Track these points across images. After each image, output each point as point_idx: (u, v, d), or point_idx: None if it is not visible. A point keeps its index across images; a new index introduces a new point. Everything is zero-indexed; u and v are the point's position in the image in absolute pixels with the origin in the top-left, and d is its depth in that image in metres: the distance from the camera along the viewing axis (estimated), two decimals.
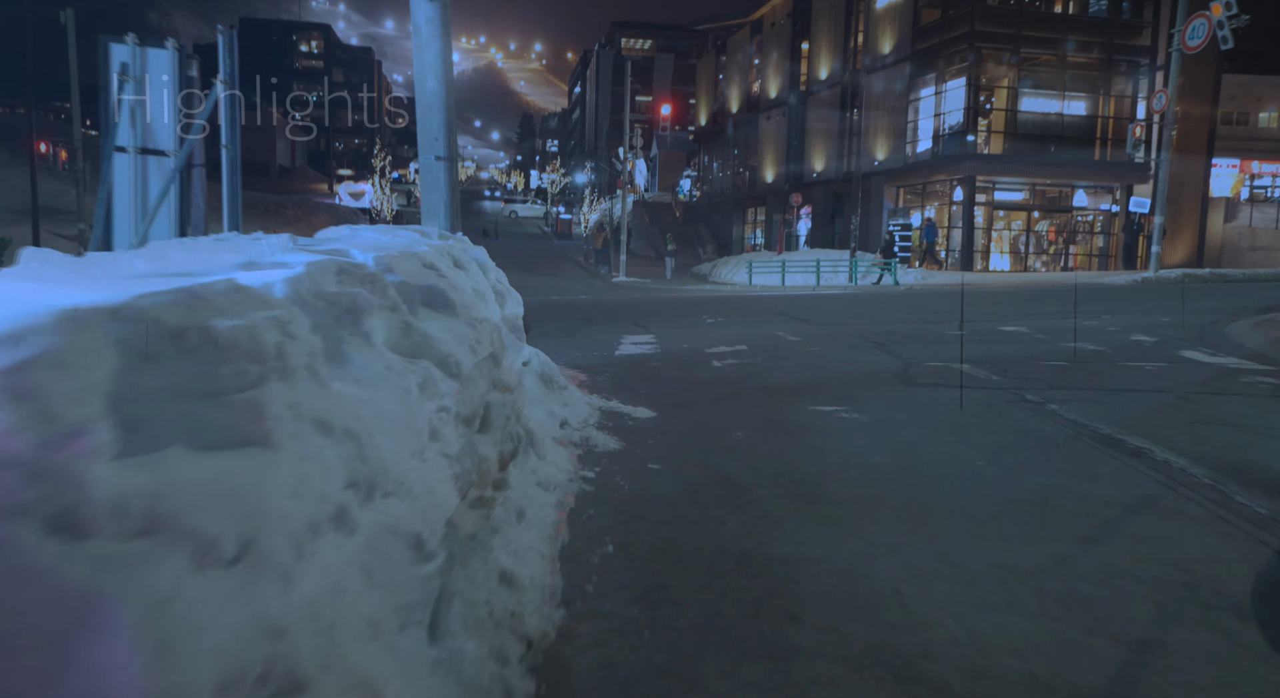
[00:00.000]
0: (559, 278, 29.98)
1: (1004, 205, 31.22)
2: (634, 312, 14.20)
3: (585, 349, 8.80)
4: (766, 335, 9.76)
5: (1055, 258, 31.90)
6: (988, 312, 12.48)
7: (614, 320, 12.07)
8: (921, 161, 31.60)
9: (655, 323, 11.46)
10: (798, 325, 10.89)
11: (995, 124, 30.32)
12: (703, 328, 10.83)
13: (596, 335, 10.12)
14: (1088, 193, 31.63)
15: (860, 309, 14.13)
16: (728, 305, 16.07)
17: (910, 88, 32.23)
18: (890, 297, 18.45)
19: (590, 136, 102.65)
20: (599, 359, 7.88)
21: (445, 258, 4.02)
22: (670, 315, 13.27)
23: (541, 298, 20.38)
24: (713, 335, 9.85)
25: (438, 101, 5.81)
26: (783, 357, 7.96)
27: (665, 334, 10.04)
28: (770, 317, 12.43)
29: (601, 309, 14.88)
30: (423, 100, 5.79)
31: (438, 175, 5.89)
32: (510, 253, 41.52)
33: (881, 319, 11.84)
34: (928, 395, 5.94)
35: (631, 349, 8.68)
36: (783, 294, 21.29)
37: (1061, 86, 29.70)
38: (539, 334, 10.10)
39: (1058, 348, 8.13)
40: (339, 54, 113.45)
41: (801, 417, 5.21)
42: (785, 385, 6.33)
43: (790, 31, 40.84)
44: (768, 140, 43.52)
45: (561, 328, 11.06)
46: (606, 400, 5.57)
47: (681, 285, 26.69)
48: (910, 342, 8.91)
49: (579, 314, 13.71)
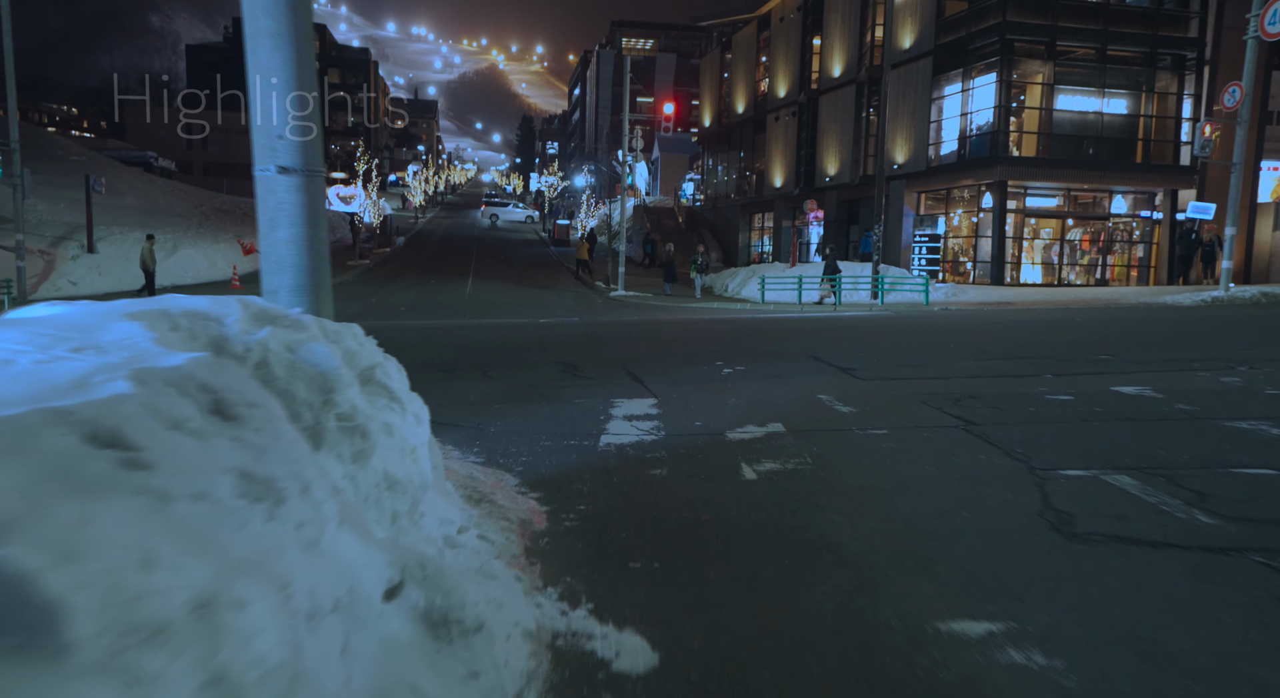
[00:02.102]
0: (552, 292, 27.51)
1: (1036, 213, 28.76)
2: (631, 349, 11.71)
3: (559, 429, 6.33)
4: (805, 403, 7.27)
5: (1089, 269, 29.45)
6: (1066, 353, 9.99)
7: (604, 367, 9.58)
8: (946, 165, 29.16)
9: (657, 374, 8.97)
10: (840, 381, 8.39)
11: (1028, 123, 27.89)
12: (718, 385, 8.34)
13: (579, 398, 7.63)
14: (1125, 198, 29.17)
15: (906, 345, 11.63)
16: (743, 337, 13.57)
17: (933, 85, 29.80)
18: (928, 324, 15.95)
19: (590, 139, 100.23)
20: (573, 462, 5.40)
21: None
22: (676, 357, 10.77)
23: (528, 320, 17.94)
24: (734, 402, 7.35)
25: (283, 69, 3.34)
26: (842, 457, 5.47)
27: (670, 400, 7.55)
28: (799, 361, 9.93)
29: (591, 347, 12.39)
30: (256, 64, 3.32)
31: (284, 199, 3.42)
32: (502, 264, 39.19)
33: (941, 363, 9.34)
34: (1123, 576, 3.44)
35: (623, 433, 6.19)
36: (802, 317, 18.79)
37: (1101, 83, 27.25)
38: (503, 399, 7.66)
39: (1235, 434, 5.63)
40: (334, 55, 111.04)
41: (933, 658, 2.73)
42: (869, 542, 3.85)
43: (801, 26, 38.39)
44: (776, 142, 41.06)
45: (537, 382, 8.57)
46: (569, 609, 3.09)
47: (685, 302, 24.20)
48: (1008, 415, 6.44)
49: (563, 353, 11.23)
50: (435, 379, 8.69)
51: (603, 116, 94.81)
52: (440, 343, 12.48)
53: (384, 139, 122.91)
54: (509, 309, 21.50)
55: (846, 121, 34.85)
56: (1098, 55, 26.91)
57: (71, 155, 36.56)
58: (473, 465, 5.25)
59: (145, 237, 23.19)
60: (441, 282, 30.08)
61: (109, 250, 24.93)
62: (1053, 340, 11.46)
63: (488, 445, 5.83)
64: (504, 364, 10.14)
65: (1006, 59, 26.45)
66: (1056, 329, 13.25)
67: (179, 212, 34.52)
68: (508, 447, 5.79)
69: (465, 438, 6.04)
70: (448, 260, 38.98)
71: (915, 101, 30.08)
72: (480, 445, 5.82)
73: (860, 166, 33.96)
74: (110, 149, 61.57)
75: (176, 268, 26.16)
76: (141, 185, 36.96)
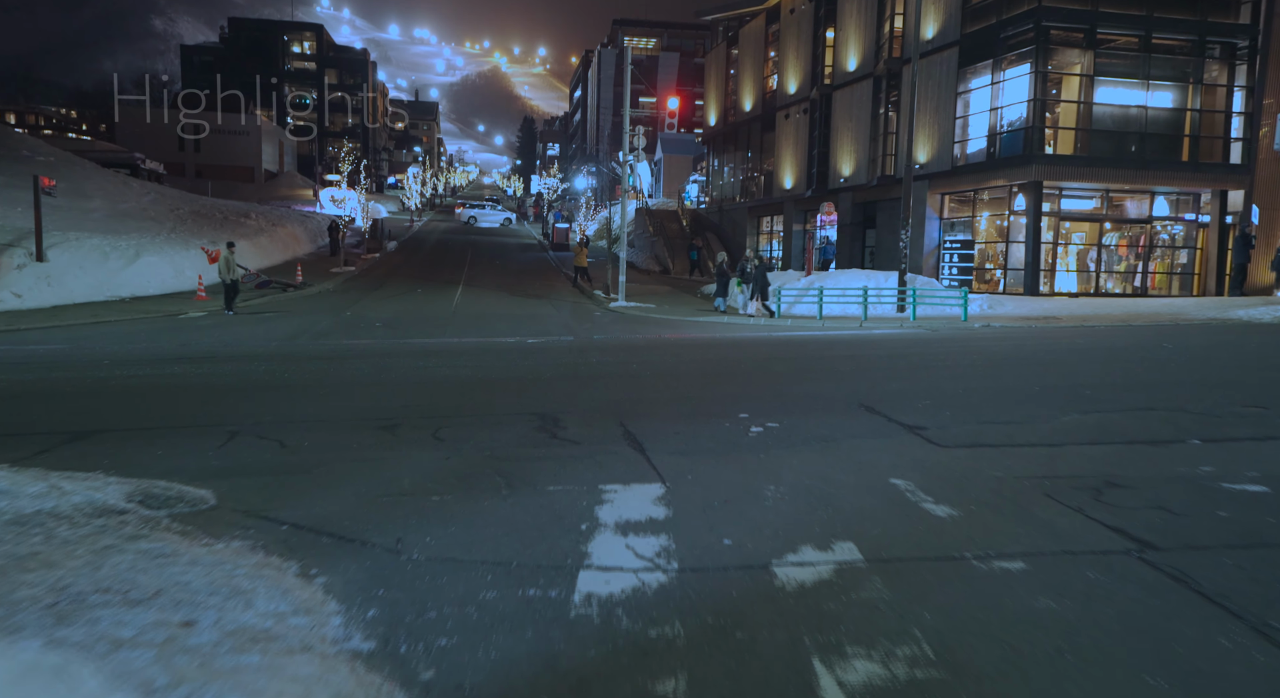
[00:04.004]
0: (547, 303, 25.31)
1: (1071, 215, 26.55)
2: (629, 389, 9.50)
3: (517, 555, 4.14)
4: (878, 494, 5.08)
5: (1126, 276, 27.24)
6: (1190, 397, 7.77)
7: (594, 421, 7.37)
8: (974, 164, 26.94)
9: (663, 434, 6.78)
10: (913, 449, 6.20)
11: (1064, 118, 25.67)
12: (747, 456, 6.14)
13: (554, 483, 5.43)
14: (1168, 200, 26.95)
15: (974, 382, 9.40)
16: (767, 370, 11.36)
17: (959, 78, 27.59)
18: (982, 349, 13.73)
19: (591, 140, 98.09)
20: (525, 655, 3.18)
21: None
22: (686, 403, 8.56)
23: (515, 340, 15.75)
24: (774, 492, 5.15)
25: None
26: (979, 640, 3.27)
27: (683, 486, 5.34)
28: (848, 413, 7.72)
29: (581, 385, 10.18)
30: None
31: None
32: (496, 271, 36.83)
33: (1034, 415, 7.12)
34: None
35: (614, 568, 4.00)
36: (827, 337, 16.58)
37: (1144, 74, 25.00)
38: (449, 484, 5.39)
39: None
40: (332, 55, 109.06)
41: None
42: None
43: (813, 17, 36.19)
44: (786, 141, 38.87)
45: (502, 448, 6.37)
46: None
47: (693, 316, 21.98)
48: (1194, 526, 4.29)
49: (546, 396, 9.01)
50: (367, 444, 6.51)
51: (604, 118, 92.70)
52: (398, 380, 10.28)
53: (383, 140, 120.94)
54: (497, 324, 19.31)
55: (862, 119, 32.64)
56: (1141, 44, 24.69)
57: (39, 156, 34.42)
58: (353, 662, 3.06)
59: (226, 244, 21.52)
60: (429, 291, 27.90)
61: (61, 258, 22.79)
62: (1158, 380, 9.24)
63: (396, 598, 3.64)
64: (467, 415, 7.95)
65: (1042, 48, 24.24)
66: (1148, 359, 11.03)
67: (152, 216, 32.36)
68: (427, 603, 3.60)
69: (367, 576, 3.86)
70: (439, 267, 36.81)
71: (939, 96, 27.87)
72: (383, 599, 3.63)
73: (877, 166, 31.74)
74: (97, 151, 59.55)
75: (137, 277, 24.01)
76: (114, 188, 34.83)
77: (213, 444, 6.51)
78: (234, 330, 17.33)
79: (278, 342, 15.39)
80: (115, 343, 14.87)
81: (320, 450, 6.37)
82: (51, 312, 20.41)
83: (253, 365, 11.39)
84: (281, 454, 6.25)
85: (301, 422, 7.52)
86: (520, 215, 77.11)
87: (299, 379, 10.07)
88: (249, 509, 4.90)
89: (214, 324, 18.62)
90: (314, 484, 5.43)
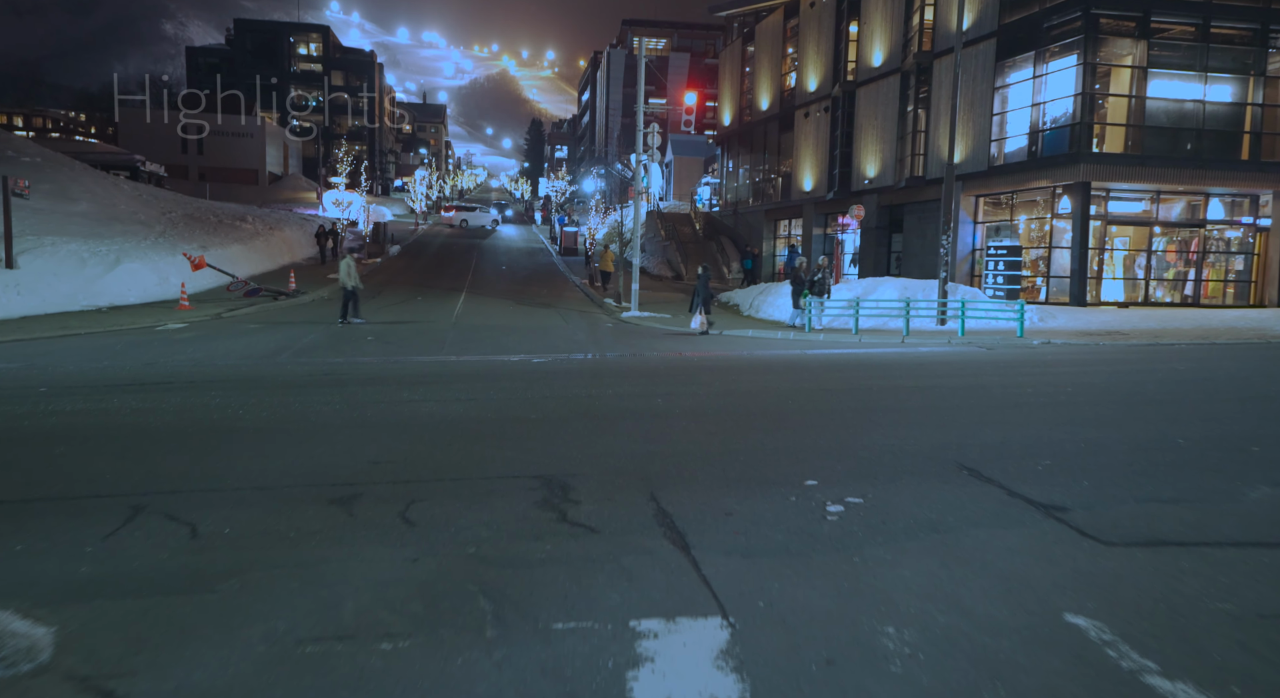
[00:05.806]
0: (554, 313, 23.58)
1: (1119, 219, 24.71)
2: (656, 440, 7.72)
3: None
4: (1052, 641, 3.32)
5: (1175, 284, 25.39)
6: None
7: (615, 494, 5.60)
8: (1013, 164, 25.12)
9: (711, 518, 5.02)
10: (1068, 550, 4.45)
11: (1113, 114, 23.83)
12: (836, 560, 4.38)
13: (561, 619, 3.69)
14: (1223, 202, 25.10)
15: (1089, 430, 7.59)
16: (822, 407, 9.58)
17: (996, 72, 25.79)
18: (1064, 375, 11.93)
19: (599, 143, 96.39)
20: None
21: None
22: (732, 463, 6.77)
23: (518, 358, 14.00)
24: (899, 646, 3.40)
25: None
26: None
27: (754, 629, 3.57)
28: (950, 480, 5.95)
29: (597, 429, 8.41)
30: None
31: None
32: (501, 277, 35.20)
33: (1209, 487, 5.35)
34: None
35: None
36: (870, 356, 14.78)
37: (1202, 66, 23.15)
38: (407, 619, 3.66)
39: None
40: (338, 57, 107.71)
41: None
42: None
43: (835, 11, 34.40)
44: (805, 141, 37.07)
45: (489, 545, 4.61)
46: None
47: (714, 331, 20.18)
48: None
49: (550, 449, 7.23)
50: (311, 530, 4.76)
51: (613, 119, 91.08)
52: (374, 419, 8.53)
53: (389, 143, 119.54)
54: (500, 339, 17.59)
55: (889, 116, 30.83)
56: (1198, 33, 22.84)
57: (24, 156, 32.89)
58: None
59: (347, 252, 19.96)
60: (429, 299, 26.20)
61: (34, 265, 21.18)
62: None
63: None
64: (450, 479, 6.17)
65: (1091, 38, 22.41)
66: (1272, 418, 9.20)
67: (141, 219, 30.77)
68: None
69: None
70: (442, 273, 35.14)
71: (974, 91, 26.05)
72: None
73: (905, 167, 29.92)
74: (95, 152, 58.17)
75: (117, 284, 22.38)
76: (103, 190, 33.25)
77: (100, 530, 4.79)
78: (210, 346, 15.64)
79: (255, 359, 13.69)
80: (74, 361, 13.19)
81: (243, 544, 4.63)
82: (19, 324, 18.77)
83: (209, 396, 9.67)
84: (187, 551, 4.52)
85: (235, 489, 5.78)
86: (528, 219, 75.54)
87: (254, 419, 8.34)
88: (90, 675, 3.17)
89: (192, 338, 16.94)
90: (209, 617, 3.69)
